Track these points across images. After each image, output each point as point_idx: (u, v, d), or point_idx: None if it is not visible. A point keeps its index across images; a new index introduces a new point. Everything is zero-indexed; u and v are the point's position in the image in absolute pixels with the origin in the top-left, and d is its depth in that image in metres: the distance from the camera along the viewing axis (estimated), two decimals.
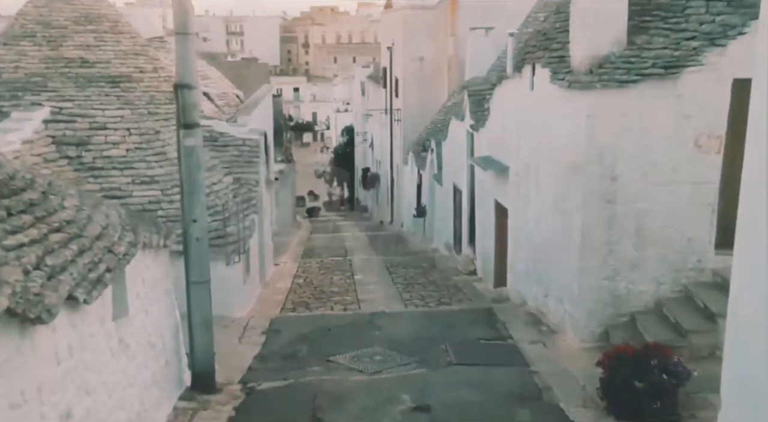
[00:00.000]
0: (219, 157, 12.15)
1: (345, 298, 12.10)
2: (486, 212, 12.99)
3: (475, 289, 12.60)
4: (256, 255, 12.43)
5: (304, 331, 9.36)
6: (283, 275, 14.45)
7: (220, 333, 9.19)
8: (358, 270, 14.76)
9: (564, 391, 6.95)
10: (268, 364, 8.09)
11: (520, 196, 10.62)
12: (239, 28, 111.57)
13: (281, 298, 12.18)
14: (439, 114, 22.56)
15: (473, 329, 9.29)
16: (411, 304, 11.49)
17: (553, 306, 9.21)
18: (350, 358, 8.11)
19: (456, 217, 16.20)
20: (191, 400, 6.82)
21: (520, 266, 10.80)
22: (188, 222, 6.75)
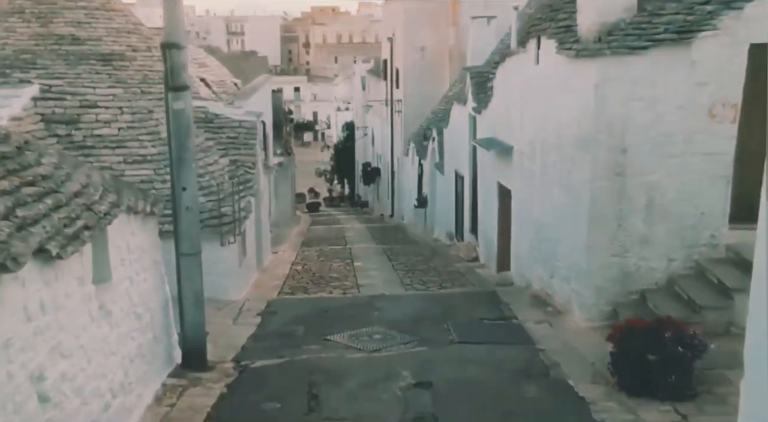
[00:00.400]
0: (215, 139, 11.83)
1: (344, 283, 11.78)
2: (489, 196, 12.66)
3: (477, 275, 12.27)
4: (253, 240, 12.11)
5: (301, 313, 9.04)
6: (281, 262, 14.13)
7: (214, 316, 8.88)
8: (357, 258, 14.44)
9: (572, 368, 6.62)
10: (263, 343, 7.77)
11: (525, 176, 10.29)
12: (240, 28, 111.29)
13: (278, 283, 11.86)
14: (441, 104, 22.26)
15: (476, 310, 8.97)
16: (412, 289, 11.17)
17: (559, 286, 8.88)
18: (348, 337, 7.78)
19: (458, 205, 15.88)
20: (181, 377, 6.50)
21: (524, 248, 10.47)
22: (177, 190, 6.42)
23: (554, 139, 8.89)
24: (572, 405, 5.79)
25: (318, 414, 5.71)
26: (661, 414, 5.52)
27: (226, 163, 11.47)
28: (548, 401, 5.91)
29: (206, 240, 9.75)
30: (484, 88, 12.95)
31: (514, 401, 5.90)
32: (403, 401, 5.89)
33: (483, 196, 13.18)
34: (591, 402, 5.82)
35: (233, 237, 9.91)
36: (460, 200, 15.55)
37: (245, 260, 11.12)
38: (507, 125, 11.23)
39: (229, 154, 11.74)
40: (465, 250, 14.22)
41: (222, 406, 5.89)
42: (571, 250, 8.42)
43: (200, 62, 18.48)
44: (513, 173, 10.94)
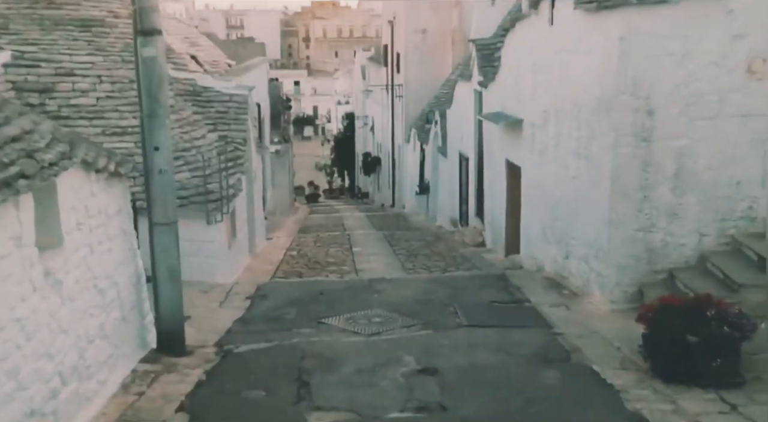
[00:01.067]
0: (203, 113, 11.06)
1: (342, 268, 11.02)
2: (496, 176, 11.89)
3: (484, 259, 11.51)
4: (245, 223, 11.34)
5: (293, 296, 8.27)
6: (275, 248, 13.36)
7: (198, 299, 8.15)
8: (357, 244, 13.67)
9: (596, 353, 5.86)
10: (249, 327, 7.01)
11: (536, 150, 9.52)
12: (239, 22, 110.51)
13: (272, 268, 11.10)
14: (443, 88, 21.47)
15: (485, 293, 8.20)
16: (414, 273, 10.40)
17: (575, 267, 8.12)
18: (345, 320, 7.02)
19: (462, 189, 15.10)
20: (155, 363, 5.75)
21: (535, 229, 9.71)
22: (149, 150, 5.65)
23: (571, 106, 8.11)
24: (600, 393, 5.04)
25: (308, 403, 4.96)
26: (705, 403, 4.77)
27: (215, 139, 10.70)
28: (572, 388, 5.15)
29: (191, 218, 9.02)
30: (490, 60, 12.16)
31: (533, 388, 5.14)
32: (406, 389, 5.13)
33: (490, 176, 12.41)
34: (621, 389, 5.07)
35: (221, 216, 9.14)
36: (465, 183, 14.77)
37: (235, 242, 10.35)
38: (516, 97, 10.45)
39: (218, 129, 10.97)
40: (470, 235, 13.45)
41: (198, 394, 5.14)
42: (589, 227, 7.65)
43: (192, 41, 17.65)
44: (523, 148, 10.17)
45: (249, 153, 12.14)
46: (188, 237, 8.97)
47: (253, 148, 12.40)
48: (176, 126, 10.13)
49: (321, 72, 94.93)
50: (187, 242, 8.98)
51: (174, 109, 10.39)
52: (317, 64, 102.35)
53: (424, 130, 20.24)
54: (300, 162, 64.77)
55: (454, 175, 15.86)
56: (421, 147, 20.48)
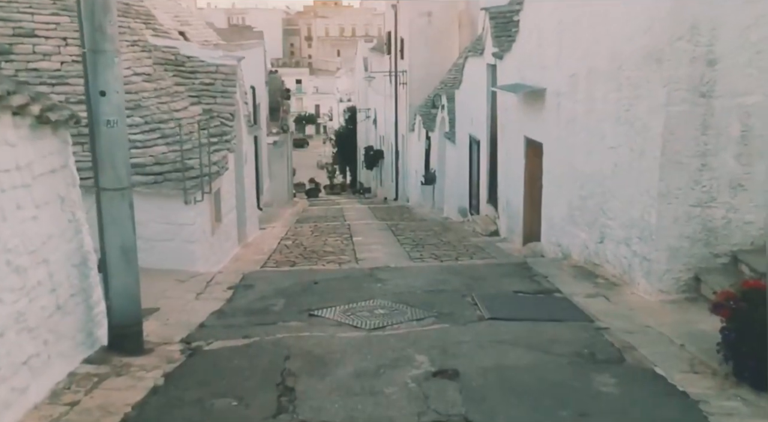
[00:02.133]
0: (186, 85, 9.89)
1: (341, 257, 9.84)
2: (512, 156, 10.71)
3: (499, 249, 10.33)
4: (232, 207, 10.17)
5: (283, 286, 7.10)
6: (268, 237, 12.20)
7: (172, 289, 7.00)
8: (357, 233, 12.49)
9: (655, 352, 4.68)
10: (227, 321, 5.83)
11: (562, 121, 8.34)
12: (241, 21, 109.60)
13: (262, 258, 9.92)
14: (450, 73, 20.32)
15: (506, 282, 7.02)
16: (422, 262, 9.21)
17: (612, 252, 6.93)
18: (342, 312, 5.84)
19: (472, 174, 13.92)
20: (103, 363, 4.58)
21: (559, 212, 8.53)
22: (93, 95, 4.48)
23: (608, 64, 6.93)
24: (673, 405, 3.86)
25: (290, 415, 3.79)
26: None
27: (198, 112, 9.53)
28: (635, 397, 3.97)
29: (167, 197, 7.86)
30: (506, 29, 11.00)
31: (585, 397, 3.96)
32: (419, 397, 3.96)
33: (505, 158, 11.23)
34: (700, 399, 3.90)
35: (201, 195, 7.96)
36: (476, 169, 13.59)
37: (221, 228, 9.18)
38: (538, 64, 9.27)
39: (203, 102, 9.81)
40: (482, 224, 12.26)
41: (150, 404, 3.97)
42: (632, 204, 6.47)
43: (183, 20, 16.51)
44: (546, 121, 8.99)
45: (239, 131, 10.98)
46: (163, 219, 7.85)
47: (243, 126, 11.23)
48: (153, 96, 8.99)
49: (323, 71, 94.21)
50: (163, 225, 7.86)
51: (152, 78, 9.26)
52: (319, 63, 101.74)
53: (430, 116, 19.08)
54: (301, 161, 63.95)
55: (463, 160, 14.68)
56: (427, 135, 19.31)
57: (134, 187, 7.77)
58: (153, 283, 7.19)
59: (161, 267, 7.78)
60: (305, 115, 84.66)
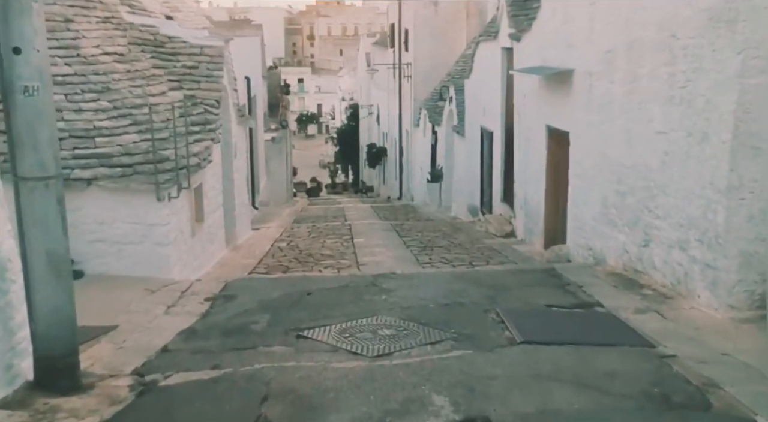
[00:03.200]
0: (166, 67, 8.79)
1: (340, 262, 8.74)
2: (532, 149, 9.60)
3: (517, 252, 9.21)
4: (219, 205, 9.08)
5: (270, 297, 5.99)
6: (261, 238, 11.10)
7: (138, 301, 5.91)
8: (359, 234, 11.39)
9: (747, 392, 3.57)
10: (197, 343, 4.72)
11: (594, 106, 7.23)
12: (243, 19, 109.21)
13: (252, 262, 8.83)
14: (458, 64, 19.23)
15: (535, 293, 5.90)
16: (432, 267, 8.10)
17: (662, 257, 5.82)
18: (338, 333, 4.72)
19: (484, 170, 12.80)
20: (21, 407, 3.49)
21: (591, 210, 7.42)
22: (5, 53, 3.36)
23: (656, 33, 5.81)
24: None
25: None
26: None
27: (179, 98, 8.42)
28: None
29: (137, 193, 6.75)
30: (524, 8, 9.89)
31: None
32: None
33: (522, 150, 10.11)
34: None
35: (177, 191, 6.86)
36: (487, 164, 12.47)
37: (203, 229, 8.08)
38: (563, 43, 8.17)
39: (185, 87, 8.70)
40: (496, 224, 11.15)
41: None
42: (688, 199, 5.35)
43: (173, 6, 15.39)
44: (573, 107, 7.88)
45: (227, 121, 9.89)
46: (132, 218, 6.75)
47: (232, 116, 10.13)
48: (125, 78, 7.89)
49: (325, 70, 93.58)
50: (131, 225, 6.76)
51: (125, 58, 8.16)
52: (322, 62, 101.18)
53: (437, 110, 17.97)
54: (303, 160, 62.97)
55: (473, 155, 13.56)
56: (433, 129, 18.20)
57: (98, 181, 6.73)
58: (116, 294, 6.12)
59: (130, 275, 6.70)
60: (307, 114, 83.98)
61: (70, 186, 6.56)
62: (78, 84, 7.30)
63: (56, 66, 7.32)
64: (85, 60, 7.61)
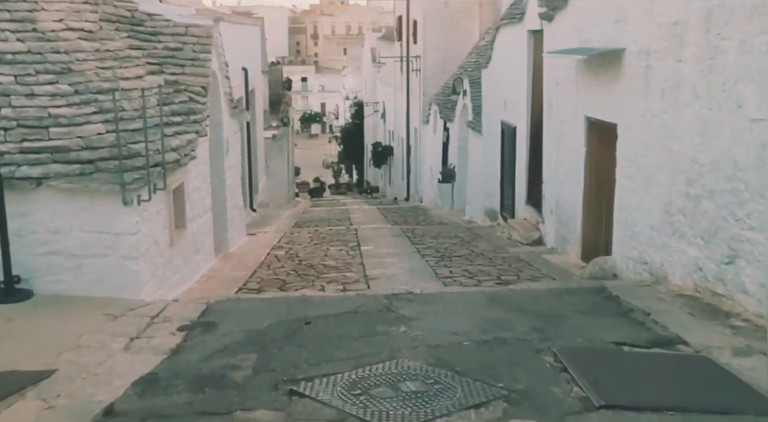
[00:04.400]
0: (144, 49, 7.57)
1: (345, 275, 7.50)
2: (566, 143, 8.35)
3: (550, 264, 7.97)
4: (206, 208, 7.85)
5: (259, 327, 4.77)
6: (257, 245, 9.88)
7: (94, 332, 4.75)
8: (366, 241, 10.16)
9: None
10: (155, 400, 3.49)
11: (654, 91, 5.99)
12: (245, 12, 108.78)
13: (244, 275, 7.60)
14: (470, 56, 18.01)
15: (594, 323, 4.66)
16: (454, 284, 6.87)
17: (755, 279, 4.57)
18: (345, 388, 3.48)
19: (505, 169, 11.55)
20: None
21: (647, 216, 6.17)
22: None
23: None
24: None
25: None
26: None
27: (160, 83, 7.20)
28: None
29: (99, 195, 5.53)
30: None
31: None
32: None
33: (554, 146, 8.86)
34: None
35: (149, 192, 5.63)
36: (510, 162, 11.22)
37: (184, 236, 6.85)
38: (610, 19, 6.92)
39: (167, 71, 7.48)
40: (521, 230, 9.90)
41: None
42: None
43: None
44: (623, 94, 6.64)
45: (217, 112, 8.67)
46: (94, 225, 5.53)
47: (224, 107, 8.91)
48: (93, 59, 6.67)
49: (329, 69, 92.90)
50: (92, 234, 5.54)
51: (94, 36, 6.95)
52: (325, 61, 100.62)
53: (449, 105, 16.73)
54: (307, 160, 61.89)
55: (491, 153, 12.31)
56: (445, 126, 16.96)
57: (51, 181, 5.49)
58: (68, 321, 4.92)
59: (90, 295, 5.49)
60: (311, 113, 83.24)
61: (15, 186, 5.36)
62: (32, 63, 6.08)
63: (5, 42, 6.11)
64: (43, 35, 6.38)
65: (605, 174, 7.24)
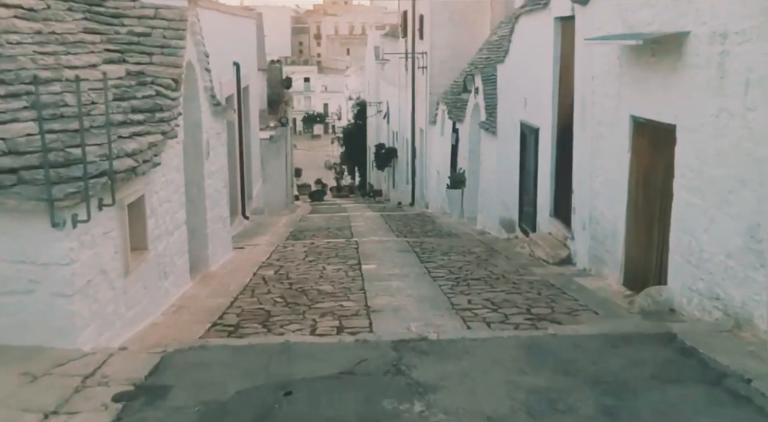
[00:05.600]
0: (104, 33, 6.32)
1: (343, 304, 6.24)
2: (605, 148, 7.08)
3: (586, 290, 6.70)
4: (179, 223, 6.60)
5: (222, 397, 3.51)
6: (244, 263, 8.63)
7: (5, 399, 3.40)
8: (368, 258, 8.90)
9: None
10: None
11: (731, 85, 4.73)
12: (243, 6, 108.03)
13: (222, 303, 6.34)
14: (481, 53, 16.74)
15: (679, 399, 3.39)
16: (477, 321, 5.59)
17: None
18: None
19: (525, 176, 10.28)
20: None
21: (723, 242, 4.90)
22: None
23: None
24: None
25: None
26: None
27: (121, 75, 5.96)
28: None
29: (18, 214, 4.25)
30: None
31: None
32: None
33: (588, 151, 7.58)
34: None
35: (87, 211, 4.35)
36: (531, 169, 9.94)
37: (145, 261, 5.59)
38: None
39: (130, 60, 6.23)
40: (546, 247, 8.62)
41: None
42: None
43: None
44: (686, 88, 5.37)
45: (196, 112, 7.44)
46: (14, 254, 4.26)
47: (204, 105, 7.66)
48: (30, 42, 5.42)
49: (332, 69, 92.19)
50: (12, 265, 4.27)
51: (35, 15, 5.71)
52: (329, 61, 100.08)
53: (458, 104, 15.46)
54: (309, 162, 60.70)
55: (508, 157, 11.05)
56: (454, 127, 15.69)
57: None
58: None
59: (8, 344, 4.23)
60: (313, 114, 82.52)
61: None
62: None
63: None
64: None
65: (658, 186, 5.98)
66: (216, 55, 11.37)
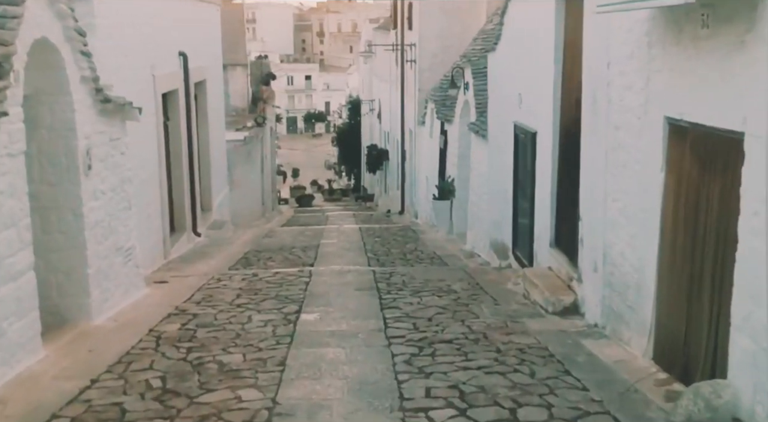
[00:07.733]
0: None
1: (240, 398, 4.22)
2: (627, 162, 5.02)
3: (599, 365, 4.69)
4: (11, 275, 4.58)
5: None
6: (148, 310, 6.57)
7: None
8: (314, 300, 6.87)
9: None
10: None
11: None
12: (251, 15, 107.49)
13: (60, 396, 4.31)
14: (475, 43, 14.73)
15: None
16: None
17: None
18: None
19: (521, 191, 8.22)
20: None
21: None
22: None
23: None
24: None
25: None
26: None
27: None
28: None
29: None
30: None
31: None
32: None
33: (601, 164, 5.52)
34: None
35: None
36: (527, 182, 7.89)
37: None
38: None
39: None
40: (544, 288, 6.55)
41: None
42: None
43: None
44: (762, 75, 3.31)
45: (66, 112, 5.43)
46: None
47: (78, 100, 5.62)
48: None
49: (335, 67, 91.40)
50: None
51: None
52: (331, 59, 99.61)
53: (447, 101, 13.42)
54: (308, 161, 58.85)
55: (501, 166, 9.00)
56: (442, 127, 13.65)
57: None
58: None
59: None
60: (315, 112, 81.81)
61: None
62: None
63: None
64: None
65: (710, 223, 3.94)
66: (148, 42, 9.43)
